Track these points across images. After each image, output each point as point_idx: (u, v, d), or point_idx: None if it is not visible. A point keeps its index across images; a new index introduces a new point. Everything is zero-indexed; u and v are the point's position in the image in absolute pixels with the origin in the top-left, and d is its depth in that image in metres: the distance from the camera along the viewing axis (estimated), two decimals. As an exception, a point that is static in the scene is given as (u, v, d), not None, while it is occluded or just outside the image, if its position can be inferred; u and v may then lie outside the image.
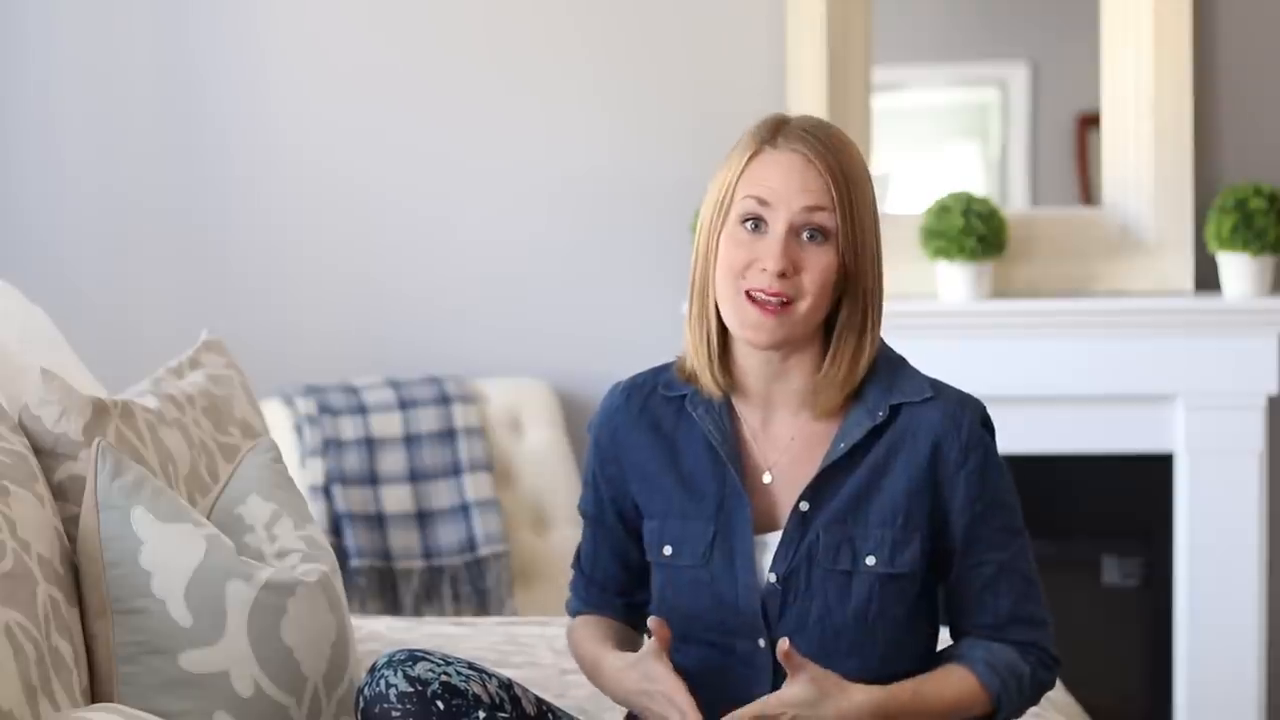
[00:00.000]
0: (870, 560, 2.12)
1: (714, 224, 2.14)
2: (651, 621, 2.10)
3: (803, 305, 2.09)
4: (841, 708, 2.05)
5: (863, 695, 2.07)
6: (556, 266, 4.07)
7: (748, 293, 2.09)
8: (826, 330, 2.15)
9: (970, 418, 2.15)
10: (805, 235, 2.10)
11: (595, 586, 2.30)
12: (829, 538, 2.12)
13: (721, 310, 2.13)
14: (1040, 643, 2.18)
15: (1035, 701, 2.19)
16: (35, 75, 4.04)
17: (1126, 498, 4.00)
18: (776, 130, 2.13)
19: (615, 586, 2.29)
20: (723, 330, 2.15)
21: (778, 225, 2.09)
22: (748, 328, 2.10)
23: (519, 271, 4.08)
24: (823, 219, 2.10)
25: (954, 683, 2.13)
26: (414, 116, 4.07)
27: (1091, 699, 3.25)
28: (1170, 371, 3.79)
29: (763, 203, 2.10)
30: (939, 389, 2.16)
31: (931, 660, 2.19)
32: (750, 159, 2.13)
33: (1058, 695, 2.84)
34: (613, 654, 2.19)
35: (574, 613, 2.34)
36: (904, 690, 2.10)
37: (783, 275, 2.08)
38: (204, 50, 4.05)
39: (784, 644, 2.03)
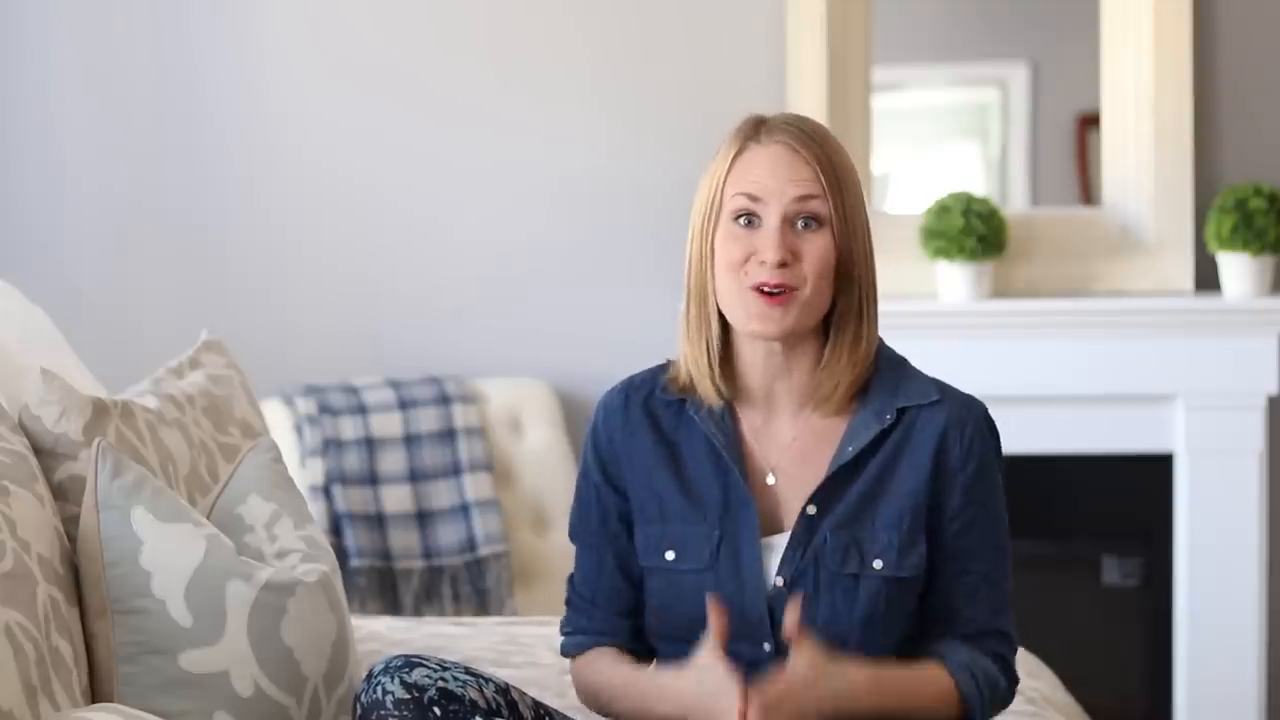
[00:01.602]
0: (878, 564, 2.11)
1: (706, 227, 2.14)
2: (711, 606, 2.06)
3: (806, 291, 2.09)
4: (838, 687, 2.05)
5: (857, 672, 2.07)
6: (556, 266, 4.07)
7: (750, 287, 2.09)
8: (825, 329, 2.15)
9: (975, 422, 2.15)
10: (799, 224, 2.10)
11: (600, 613, 2.23)
12: (836, 541, 2.11)
13: (724, 308, 2.13)
14: (1008, 659, 2.19)
15: (993, 716, 2.19)
16: (35, 75, 4.04)
17: (1126, 498, 4.00)
18: (758, 127, 2.14)
19: (620, 605, 2.22)
20: (723, 333, 2.15)
21: (771, 218, 2.10)
22: (754, 319, 2.10)
23: (519, 271, 4.08)
24: (815, 206, 2.10)
25: (934, 680, 2.13)
26: (413, 116, 4.07)
27: (1091, 699, 3.25)
28: (1170, 371, 3.79)
29: (754, 198, 2.10)
30: (944, 391, 2.16)
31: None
32: (735, 157, 2.13)
33: (1058, 695, 2.84)
34: (662, 669, 2.13)
35: (576, 648, 2.26)
36: (892, 673, 2.10)
37: (783, 265, 2.08)
38: (204, 50, 4.05)
39: (794, 612, 2.02)
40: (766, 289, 2.08)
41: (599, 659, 2.23)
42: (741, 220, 2.11)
